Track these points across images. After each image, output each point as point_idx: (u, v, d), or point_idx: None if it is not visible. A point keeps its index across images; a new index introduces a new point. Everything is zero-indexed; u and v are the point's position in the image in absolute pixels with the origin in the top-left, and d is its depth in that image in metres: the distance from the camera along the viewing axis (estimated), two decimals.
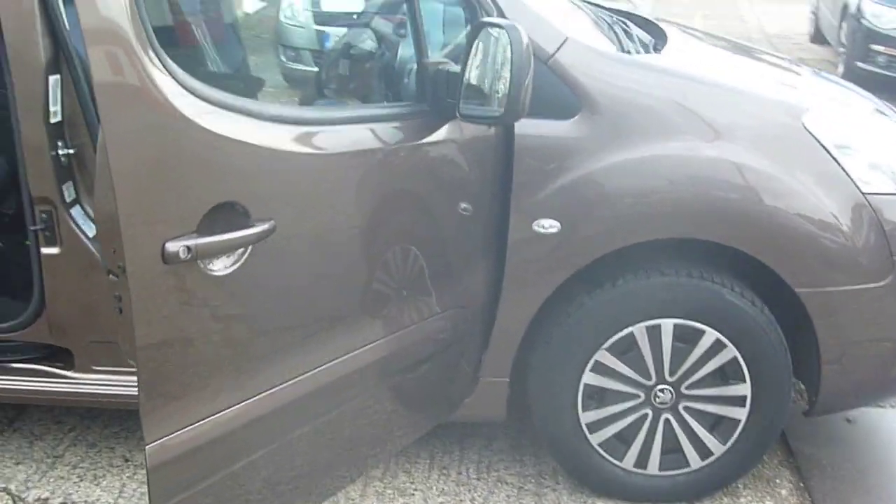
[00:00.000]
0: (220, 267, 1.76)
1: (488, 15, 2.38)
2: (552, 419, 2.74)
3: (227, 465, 1.91)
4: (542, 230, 2.49)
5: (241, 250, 1.79)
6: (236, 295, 1.81)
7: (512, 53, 2.07)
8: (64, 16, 2.42)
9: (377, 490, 2.85)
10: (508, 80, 2.07)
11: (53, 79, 2.39)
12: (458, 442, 3.08)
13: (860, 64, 7.72)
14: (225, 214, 1.75)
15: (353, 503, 2.77)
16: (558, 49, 2.46)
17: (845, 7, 8.09)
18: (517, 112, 2.12)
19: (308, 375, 2.02)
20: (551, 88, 2.46)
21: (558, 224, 2.49)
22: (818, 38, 9.76)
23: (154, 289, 1.68)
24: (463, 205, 2.46)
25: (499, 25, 2.11)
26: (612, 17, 3.29)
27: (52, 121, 2.39)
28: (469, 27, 2.23)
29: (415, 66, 2.28)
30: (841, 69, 8.20)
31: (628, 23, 3.23)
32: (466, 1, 2.37)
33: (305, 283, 1.97)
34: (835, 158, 2.53)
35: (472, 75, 2.17)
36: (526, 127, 2.45)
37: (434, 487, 2.87)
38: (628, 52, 2.80)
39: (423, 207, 2.30)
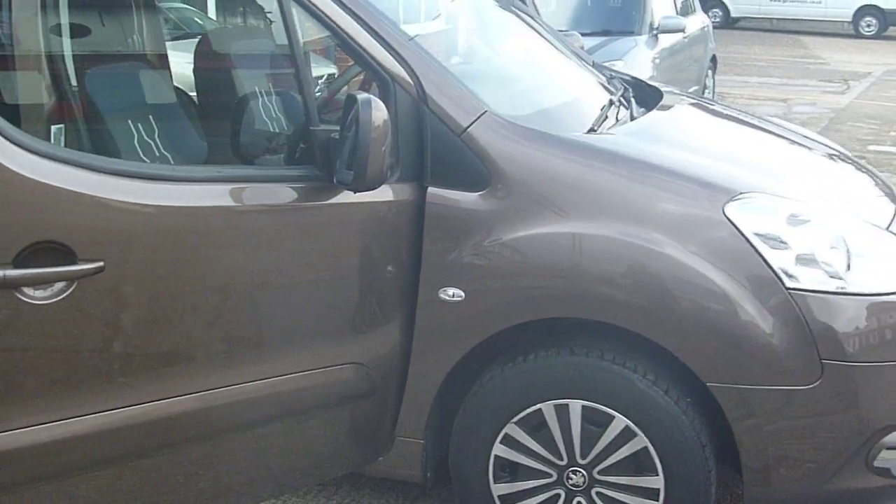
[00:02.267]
0: (40, 296, 2.01)
1: (403, 84, 2.50)
2: (466, 487, 2.76)
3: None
4: (447, 298, 2.55)
5: (62, 284, 2.02)
6: (59, 323, 2.05)
7: (358, 126, 2.19)
8: None
9: None
10: (356, 150, 2.19)
11: None
12: (413, 500, 3.14)
13: None
14: (48, 253, 2.00)
15: None
16: (473, 122, 2.53)
17: None
18: (364, 182, 2.23)
19: (147, 406, 2.21)
20: (463, 160, 2.53)
21: (462, 293, 2.54)
22: None
23: None
24: (389, 268, 2.56)
25: (356, 98, 2.23)
26: (625, 89, 3.32)
27: None
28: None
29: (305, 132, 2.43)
30: None
31: (631, 97, 3.24)
32: (376, 73, 2.50)
33: (137, 321, 2.18)
34: (756, 249, 2.42)
35: (344, 144, 2.30)
36: (437, 196, 2.54)
37: None
38: (592, 130, 2.82)
39: (306, 266, 2.43)
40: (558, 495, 2.67)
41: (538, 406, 2.60)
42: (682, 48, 9.21)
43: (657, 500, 2.58)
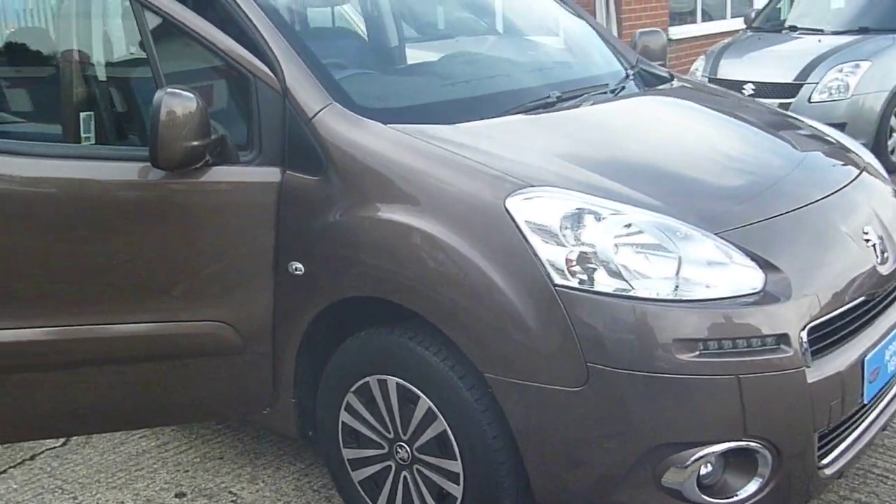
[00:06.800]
0: None
1: (264, 79, 2.80)
2: (327, 448, 3.00)
3: None
4: (293, 271, 2.83)
5: None
6: None
7: (152, 116, 2.57)
8: None
9: (209, 466, 3.38)
10: (150, 134, 2.58)
11: None
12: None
13: None
14: None
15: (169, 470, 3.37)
16: (318, 113, 2.78)
17: None
18: (156, 162, 2.62)
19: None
20: (309, 147, 2.79)
21: (303, 267, 2.80)
22: None
23: None
24: (264, 243, 2.86)
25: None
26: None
27: None
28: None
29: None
30: None
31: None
32: (237, 71, 2.83)
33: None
34: (528, 243, 2.41)
35: None
36: (291, 179, 2.82)
37: (239, 484, 3.32)
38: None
39: (172, 236, 2.84)
40: (389, 467, 2.83)
41: (367, 379, 2.79)
42: None
43: (458, 484, 2.65)
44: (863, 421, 2.74)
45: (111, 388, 3.00)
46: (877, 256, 2.71)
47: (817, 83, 7.12)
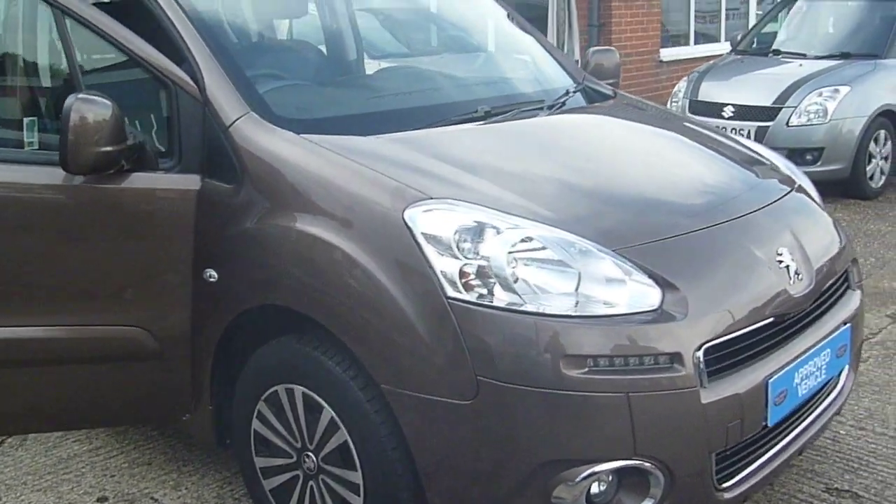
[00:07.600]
0: None
1: (184, 87, 2.81)
2: (240, 456, 3.00)
3: None
4: (208, 278, 2.83)
5: None
6: None
7: (62, 121, 2.58)
8: None
9: (136, 472, 3.38)
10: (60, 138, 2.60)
11: None
12: None
13: None
14: None
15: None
16: (235, 121, 2.79)
17: None
18: (66, 166, 2.63)
19: None
20: (225, 155, 2.80)
21: (217, 275, 2.81)
22: None
23: None
24: (177, 247, 2.86)
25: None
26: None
27: None
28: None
29: None
30: None
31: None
32: (157, 78, 2.84)
33: None
34: (424, 255, 2.41)
35: None
36: (208, 186, 2.84)
37: (162, 490, 3.33)
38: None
39: (83, 240, 2.85)
40: (297, 476, 2.82)
41: (276, 388, 2.78)
42: None
43: (359, 495, 2.64)
44: (773, 444, 2.73)
45: (35, 390, 3.00)
46: (790, 278, 2.69)
47: (796, 107, 7.11)
